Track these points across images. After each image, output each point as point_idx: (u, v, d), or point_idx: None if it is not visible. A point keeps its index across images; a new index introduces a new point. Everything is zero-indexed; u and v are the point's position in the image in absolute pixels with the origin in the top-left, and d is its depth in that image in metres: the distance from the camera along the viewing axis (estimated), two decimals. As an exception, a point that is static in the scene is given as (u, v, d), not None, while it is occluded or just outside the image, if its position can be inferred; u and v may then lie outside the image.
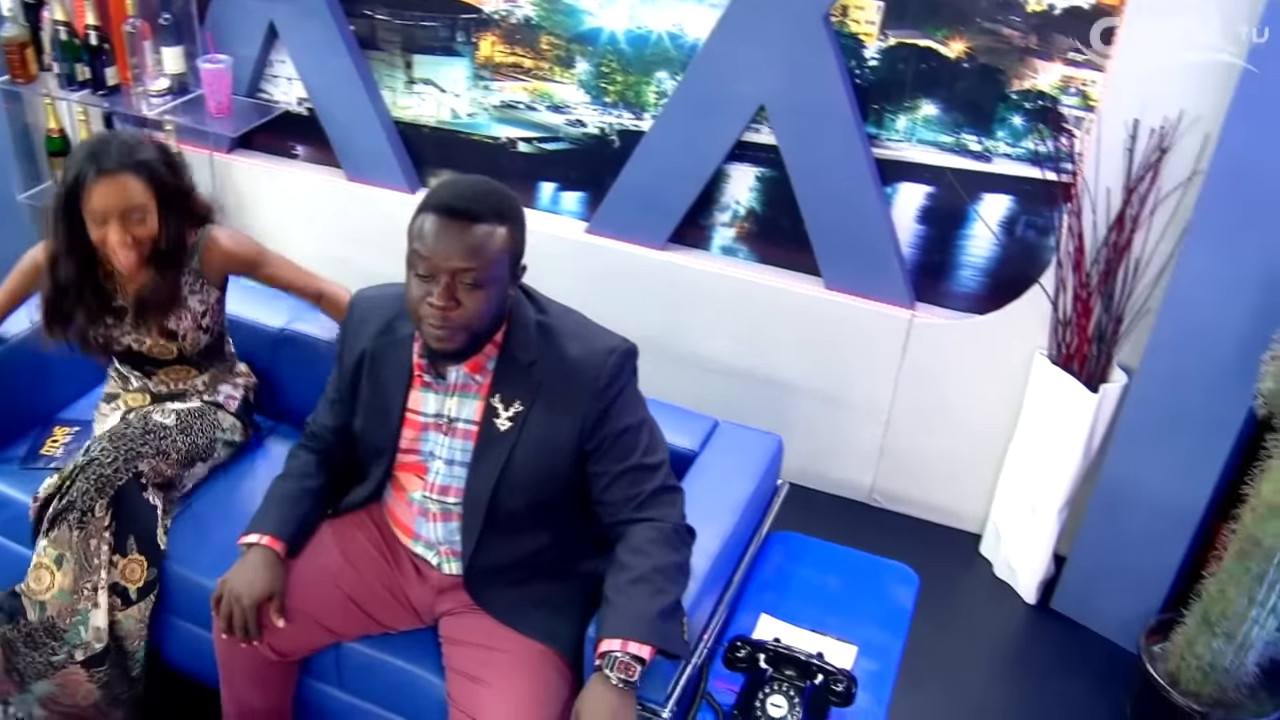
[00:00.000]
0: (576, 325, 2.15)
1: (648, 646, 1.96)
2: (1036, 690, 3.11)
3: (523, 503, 2.15)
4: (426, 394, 2.17)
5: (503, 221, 1.98)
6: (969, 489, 3.54)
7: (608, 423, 2.09)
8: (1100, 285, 2.98)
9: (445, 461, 2.18)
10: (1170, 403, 2.91)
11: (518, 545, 2.19)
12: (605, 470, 2.11)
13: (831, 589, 2.54)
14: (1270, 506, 2.55)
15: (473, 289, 1.96)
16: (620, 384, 2.10)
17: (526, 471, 2.12)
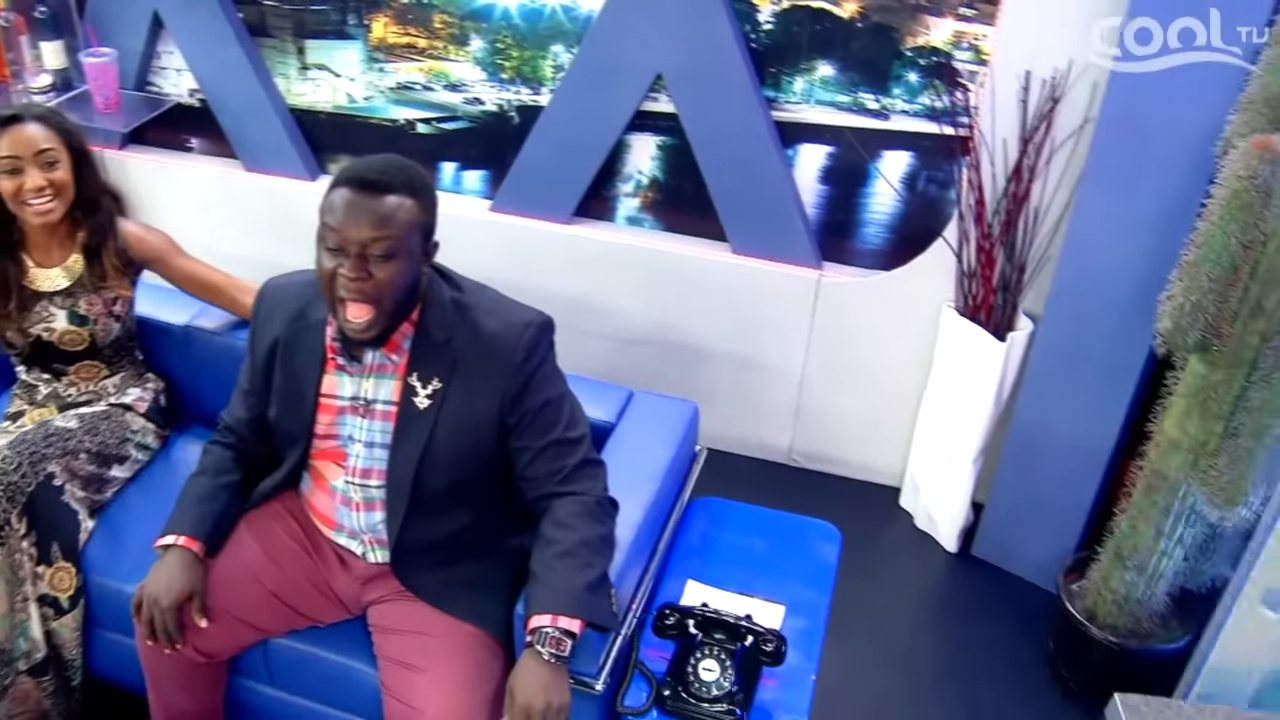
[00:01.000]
0: (492, 301, 2.13)
1: (577, 620, 1.96)
2: (962, 635, 3.15)
3: (445, 481, 2.12)
4: (341, 377, 2.13)
5: (414, 194, 1.96)
6: (886, 443, 3.58)
7: (528, 397, 2.07)
8: (1002, 236, 3.02)
9: (365, 445, 2.15)
10: (1075, 347, 2.95)
11: (442, 525, 2.17)
12: (527, 445, 2.09)
13: (756, 551, 2.55)
14: (1172, 442, 2.61)
15: (384, 260, 1.93)
16: (539, 358, 2.08)
17: (448, 449, 2.09)
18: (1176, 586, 2.81)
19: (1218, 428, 2.53)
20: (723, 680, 2.13)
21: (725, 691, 2.13)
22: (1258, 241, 2.34)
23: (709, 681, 2.13)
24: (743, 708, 2.13)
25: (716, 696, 2.12)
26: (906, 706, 2.91)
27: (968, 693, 2.96)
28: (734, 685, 2.13)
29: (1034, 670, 3.04)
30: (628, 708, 2.14)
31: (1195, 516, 2.65)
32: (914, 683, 2.99)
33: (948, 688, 2.98)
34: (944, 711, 2.90)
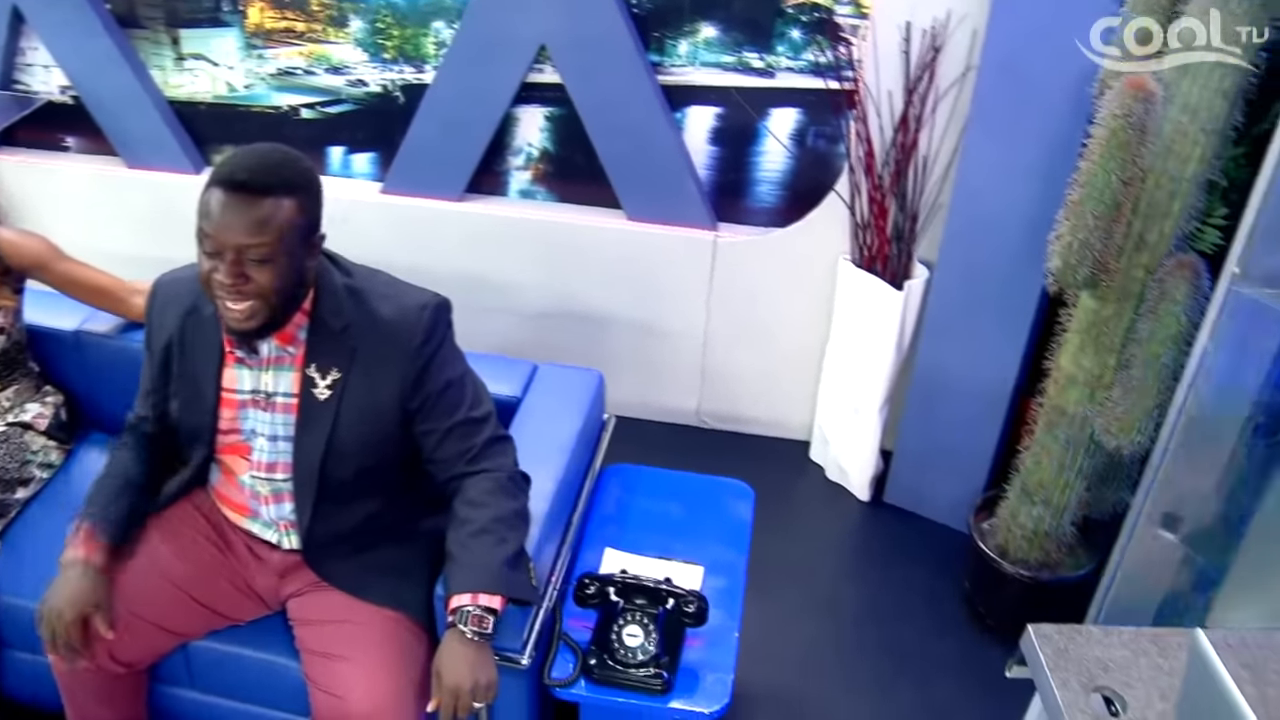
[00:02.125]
0: (385, 285, 2.09)
1: (497, 597, 1.95)
2: (880, 580, 3.20)
3: (352, 470, 2.09)
4: (241, 370, 2.09)
5: (291, 193, 1.89)
6: (792, 398, 3.60)
7: (429, 380, 2.04)
8: (893, 186, 3.04)
9: (268, 438, 2.10)
10: (970, 291, 3.00)
11: (353, 513, 2.14)
12: (433, 428, 2.07)
13: (671, 514, 2.55)
14: (1069, 377, 2.66)
15: (261, 264, 1.87)
16: (437, 340, 2.05)
17: (352, 438, 2.06)
18: (1081, 516, 2.88)
19: (1111, 360, 2.59)
20: (647, 645, 2.14)
21: (651, 655, 2.13)
22: (1137, 178, 2.39)
23: (634, 647, 2.14)
24: (669, 670, 2.14)
25: (642, 661, 2.13)
26: (831, 654, 2.95)
27: (889, 635, 3.01)
28: (659, 649, 2.13)
29: (951, 608, 3.09)
30: (555, 679, 2.14)
31: (1095, 448, 2.71)
32: (837, 630, 3.03)
33: (869, 632, 3.02)
34: (867, 656, 2.95)
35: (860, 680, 2.88)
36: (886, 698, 2.83)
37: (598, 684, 2.14)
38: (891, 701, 2.82)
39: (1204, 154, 2.35)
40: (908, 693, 2.84)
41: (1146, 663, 1.55)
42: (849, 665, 2.92)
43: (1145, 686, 1.51)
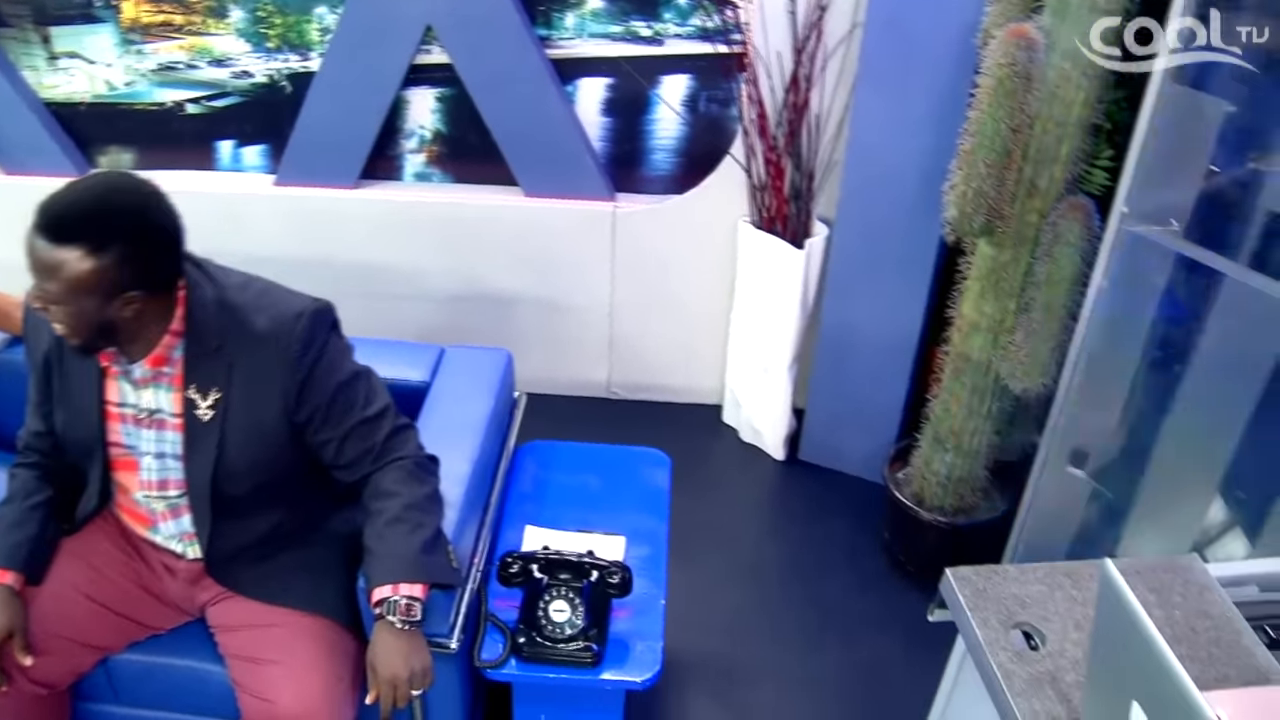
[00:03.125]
0: (259, 295, 2.00)
1: (419, 584, 1.93)
2: (801, 538, 3.24)
3: (247, 487, 2.03)
4: (122, 384, 2.01)
5: (97, 248, 1.77)
6: (702, 363, 3.62)
7: (314, 390, 1.98)
8: (787, 146, 3.06)
9: (155, 456, 2.04)
10: (870, 246, 3.03)
11: (254, 526, 2.09)
12: (330, 437, 2.02)
13: (589, 487, 2.55)
14: (972, 324, 2.71)
15: (56, 304, 1.81)
16: (317, 347, 1.98)
17: (242, 458, 2.00)
18: (992, 460, 2.94)
19: (1011, 305, 2.64)
20: (575, 618, 2.14)
21: (579, 629, 2.13)
22: (1025, 125, 2.43)
23: (561, 622, 2.14)
24: (598, 642, 2.14)
25: (571, 635, 2.13)
26: (758, 614, 2.98)
27: (814, 591, 3.05)
28: (586, 621, 2.14)
29: (873, 560, 3.14)
30: (485, 661, 2.13)
31: (1001, 392, 2.77)
32: (762, 590, 3.06)
33: (794, 589, 3.06)
34: (794, 612, 2.98)
35: (788, 638, 2.91)
36: (815, 653, 2.87)
37: (528, 662, 2.13)
38: (821, 656, 2.86)
39: (1087, 98, 2.40)
40: (836, 646, 2.89)
41: (1061, 595, 1.59)
42: (776, 624, 2.96)
43: (1061, 619, 1.55)
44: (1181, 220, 2.37)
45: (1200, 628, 1.53)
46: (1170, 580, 1.60)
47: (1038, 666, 1.47)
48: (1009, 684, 1.43)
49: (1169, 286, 2.50)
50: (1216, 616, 1.55)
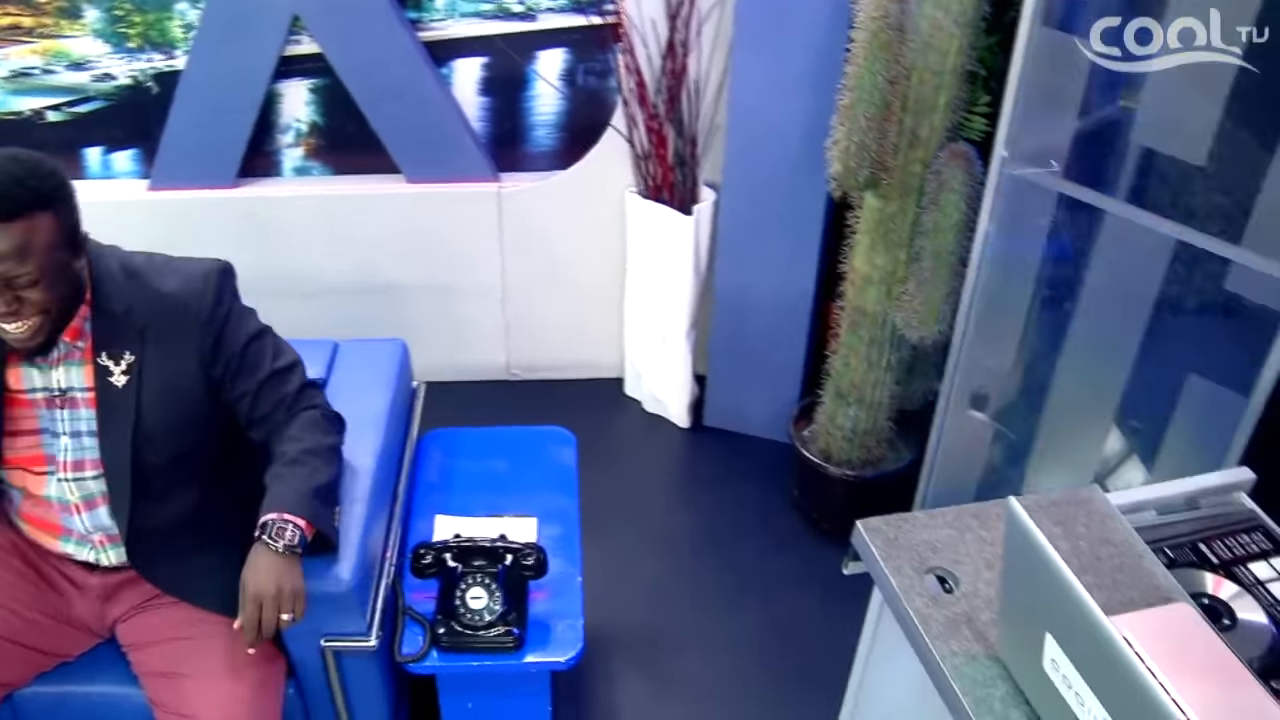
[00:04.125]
0: (162, 262, 2.03)
1: (304, 521, 1.93)
2: (713, 504, 3.27)
3: (167, 456, 2.00)
4: (29, 369, 1.97)
5: (46, 205, 1.79)
6: (599, 337, 3.63)
7: (228, 345, 2.00)
8: (668, 113, 3.07)
9: (70, 435, 1.99)
10: (758, 207, 3.06)
11: (173, 505, 2.05)
12: (245, 390, 2.03)
13: (496, 471, 2.55)
14: (865, 277, 2.75)
15: (31, 287, 1.79)
16: (226, 303, 2.02)
17: (160, 421, 1.98)
18: (896, 410, 2.99)
19: (901, 255, 2.68)
20: (493, 604, 2.14)
21: (498, 614, 2.13)
22: (901, 76, 2.47)
23: (479, 609, 2.13)
24: (518, 626, 2.14)
25: (490, 622, 2.13)
26: (676, 583, 3.01)
27: (729, 555, 3.08)
28: (504, 606, 2.14)
29: (785, 519, 3.19)
30: (406, 655, 2.12)
31: (899, 342, 2.81)
32: (678, 559, 3.09)
33: (710, 555, 3.08)
34: (711, 578, 3.01)
35: (708, 604, 2.94)
36: (737, 618, 2.90)
37: (449, 652, 2.13)
38: (742, 619, 2.89)
39: (960, 46, 2.44)
40: (756, 608, 2.92)
41: (971, 537, 1.62)
42: (695, 591, 2.98)
43: (973, 560, 1.58)
44: (1061, 160, 2.43)
45: (1105, 555, 1.57)
46: (1074, 512, 1.64)
47: (953, 608, 1.50)
48: (926, 628, 1.46)
49: (1054, 226, 2.56)
50: (1119, 543, 1.59)
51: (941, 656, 1.42)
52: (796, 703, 2.67)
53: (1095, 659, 1.14)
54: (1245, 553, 1.63)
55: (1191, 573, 1.58)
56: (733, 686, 2.73)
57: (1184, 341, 2.42)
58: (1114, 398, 2.54)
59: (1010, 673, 1.40)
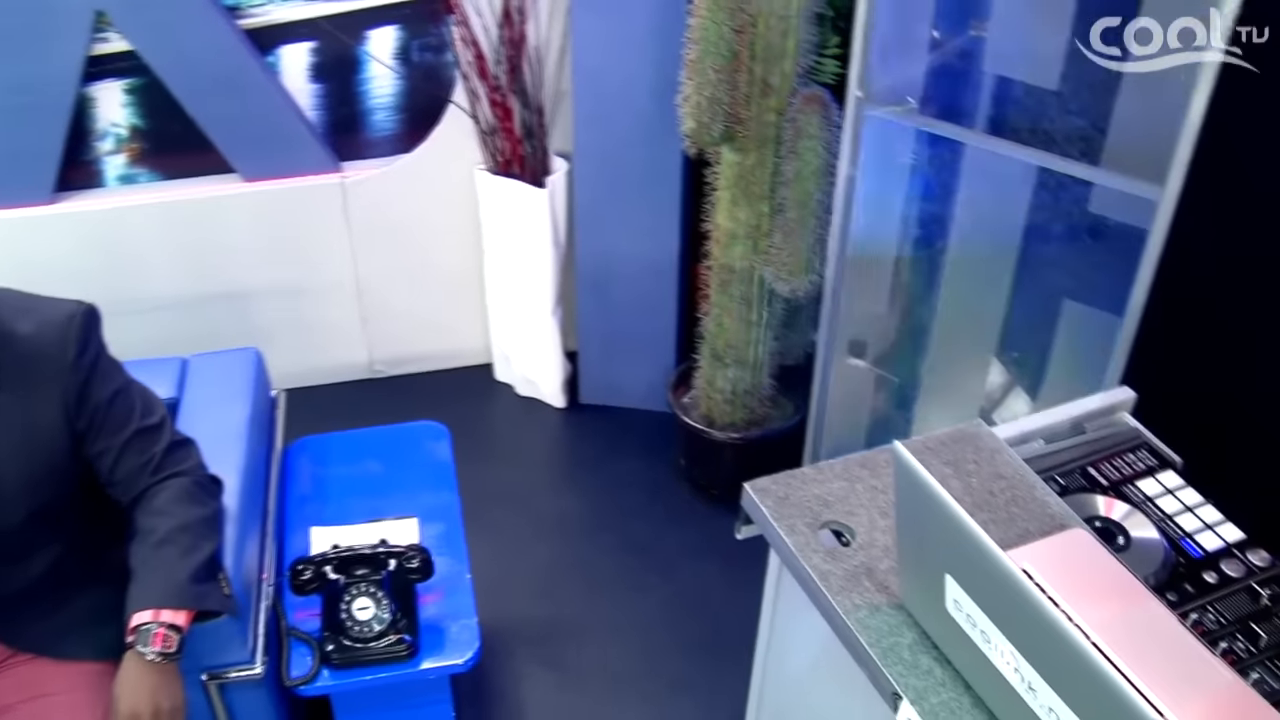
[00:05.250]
0: (17, 301, 1.89)
1: (184, 612, 1.85)
2: (600, 483, 3.28)
3: (23, 514, 1.90)
4: None
5: None
6: (463, 324, 3.61)
7: (94, 393, 1.88)
8: (510, 84, 3.05)
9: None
10: (612, 172, 3.06)
11: (33, 565, 1.95)
12: (108, 446, 1.92)
13: (369, 474, 2.52)
14: (729, 233, 2.77)
15: None
16: (93, 349, 1.89)
17: (15, 475, 1.87)
18: (775, 367, 3.03)
19: (765, 208, 2.71)
20: (381, 613, 2.12)
21: (387, 623, 2.11)
22: (747, 24, 2.49)
23: (367, 620, 2.11)
24: (410, 632, 2.13)
25: (380, 631, 2.11)
26: (570, 568, 3.02)
27: (622, 534, 3.10)
28: (393, 614, 2.12)
29: (675, 491, 3.21)
30: (295, 679, 2.09)
31: (771, 297, 2.85)
32: (569, 543, 3.10)
33: (602, 536, 3.10)
34: (606, 559, 3.03)
35: (606, 586, 2.96)
36: (636, 597, 2.92)
37: (341, 669, 2.10)
38: (642, 597, 2.91)
39: (804, -13, 2.47)
40: (656, 585, 2.95)
41: (862, 487, 1.65)
42: (591, 574, 2.99)
43: (867, 510, 1.62)
44: (917, 97, 2.48)
45: (997, 490, 1.62)
46: (962, 450, 1.69)
47: (851, 562, 1.53)
48: (826, 584, 1.49)
49: (917, 164, 2.61)
50: (1010, 476, 1.64)
51: (845, 611, 1.45)
52: (706, 677, 2.71)
53: (996, 595, 1.17)
54: (1133, 471, 1.70)
55: (1083, 497, 1.64)
56: (639, 668, 2.75)
57: (1056, 268, 2.49)
58: (993, 331, 2.61)
59: (915, 619, 1.43)
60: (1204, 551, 1.55)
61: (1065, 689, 1.10)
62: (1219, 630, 1.43)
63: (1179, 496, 1.65)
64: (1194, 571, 1.52)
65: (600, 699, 2.69)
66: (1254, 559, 1.54)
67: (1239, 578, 1.51)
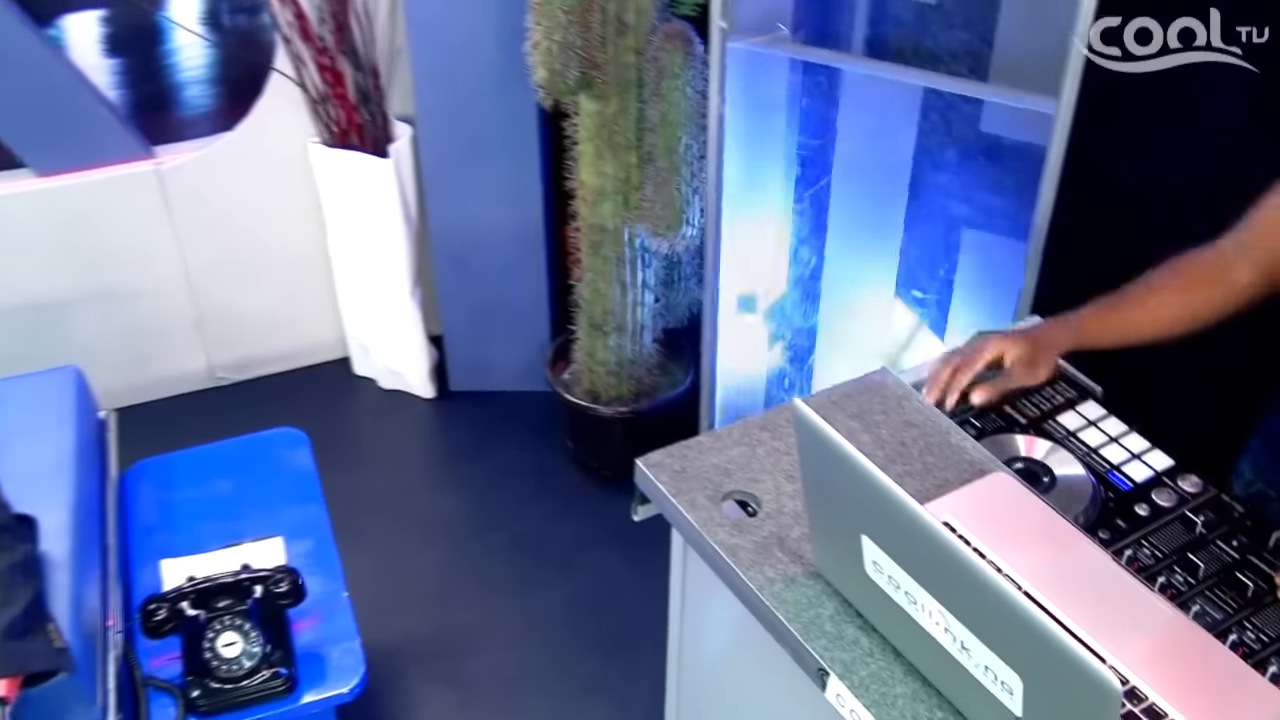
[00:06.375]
0: None
1: (3, 680, 1.81)
2: (480, 474, 3.29)
3: None
4: None
5: None
6: (313, 317, 3.57)
7: None
8: (338, 44, 3.00)
9: None
10: (462, 134, 3.05)
11: None
12: None
13: (223, 493, 2.48)
14: (596, 190, 2.78)
15: None
16: None
17: None
18: (660, 330, 3.04)
19: (632, 159, 2.72)
20: (250, 647, 2.09)
21: (259, 657, 2.08)
22: (595, -44, 2.49)
23: (235, 657, 2.08)
24: (286, 665, 2.10)
25: (252, 668, 2.08)
26: (459, 572, 3.01)
27: (512, 529, 3.10)
28: (265, 646, 2.09)
29: (564, 476, 3.22)
30: (159, 732, 2.06)
31: (647, 255, 2.86)
32: (456, 544, 3.10)
33: (491, 534, 3.10)
34: (498, 558, 3.03)
35: (502, 586, 2.96)
36: (535, 595, 2.93)
37: (210, 714, 2.07)
38: (541, 597, 2.92)
39: (654, -88, 2.47)
40: (556, 582, 2.96)
41: (764, 451, 1.67)
42: (484, 578, 2.99)
43: (771, 476, 1.64)
44: (787, 23, 2.50)
45: (909, 440, 1.65)
46: (868, 401, 1.72)
47: (760, 532, 1.55)
48: (736, 560, 1.51)
49: (792, 96, 2.64)
50: (922, 424, 1.68)
51: (758, 586, 1.47)
52: (619, 674, 2.73)
53: (918, 553, 1.20)
54: (1052, 405, 1.74)
55: (1002, 438, 1.68)
56: (545, 673, 2.76)
57: (953, 196, 2.54)
58: (890, 270, 2.66)
59: (835, 587, 1.46)
60: (1133, 483, 1.60)
61: (1000, 644, 1.13)
62: (1156, 565, 1.47)
63: (1102, 427, 1.70)
64: (1125, 505, 1.57)
65: (506, 712, 2.70)
66: (1185, 486, 1.59)
67: (1171, 507, 1.56)
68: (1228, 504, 1.56)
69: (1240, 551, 1.49)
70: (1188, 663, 1.32)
